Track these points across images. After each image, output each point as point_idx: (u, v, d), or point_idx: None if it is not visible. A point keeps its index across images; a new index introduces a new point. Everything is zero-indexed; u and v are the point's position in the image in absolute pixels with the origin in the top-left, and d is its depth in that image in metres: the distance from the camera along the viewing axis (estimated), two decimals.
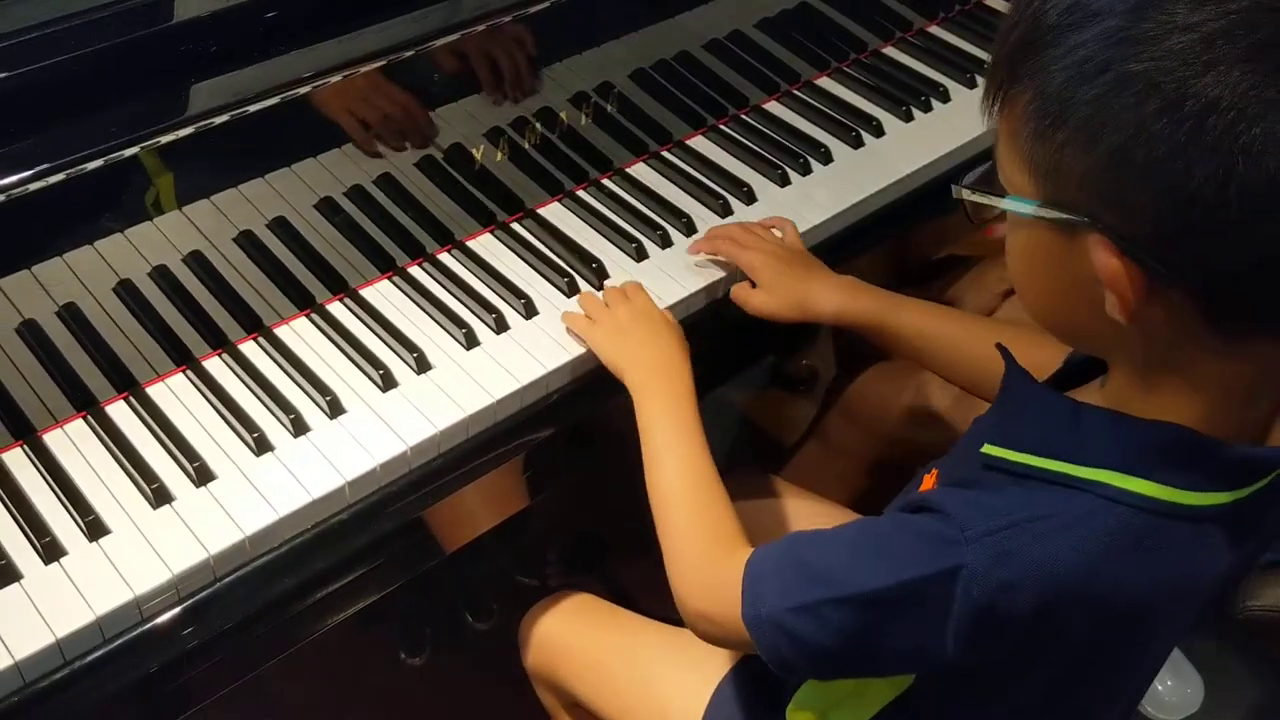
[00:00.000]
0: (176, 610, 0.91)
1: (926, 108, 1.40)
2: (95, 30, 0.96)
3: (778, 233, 1.18)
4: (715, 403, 1.16)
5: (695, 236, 1.21)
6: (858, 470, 1.47)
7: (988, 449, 0.76)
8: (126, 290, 1.02)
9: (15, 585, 0.88)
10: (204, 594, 0.92)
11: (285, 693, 1.51)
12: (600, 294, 1.12)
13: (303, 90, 1.01)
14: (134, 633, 0.89)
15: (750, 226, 1.18)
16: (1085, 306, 0.69)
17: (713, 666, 1.06)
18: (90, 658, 0.87)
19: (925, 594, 0.72)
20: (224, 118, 0.98)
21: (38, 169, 0.90)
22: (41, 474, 0.96)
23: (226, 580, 0.93)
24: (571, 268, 1.17)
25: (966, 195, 0.75)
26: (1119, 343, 0.71)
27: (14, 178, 0.89)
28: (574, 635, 1.16)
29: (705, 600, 0.86)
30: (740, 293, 1.13)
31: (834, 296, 1.09)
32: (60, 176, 0.91)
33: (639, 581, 1.65)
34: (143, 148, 0.94)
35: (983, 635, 0.72)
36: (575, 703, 1.16)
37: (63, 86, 0.95)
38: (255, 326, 1.08)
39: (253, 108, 0.99)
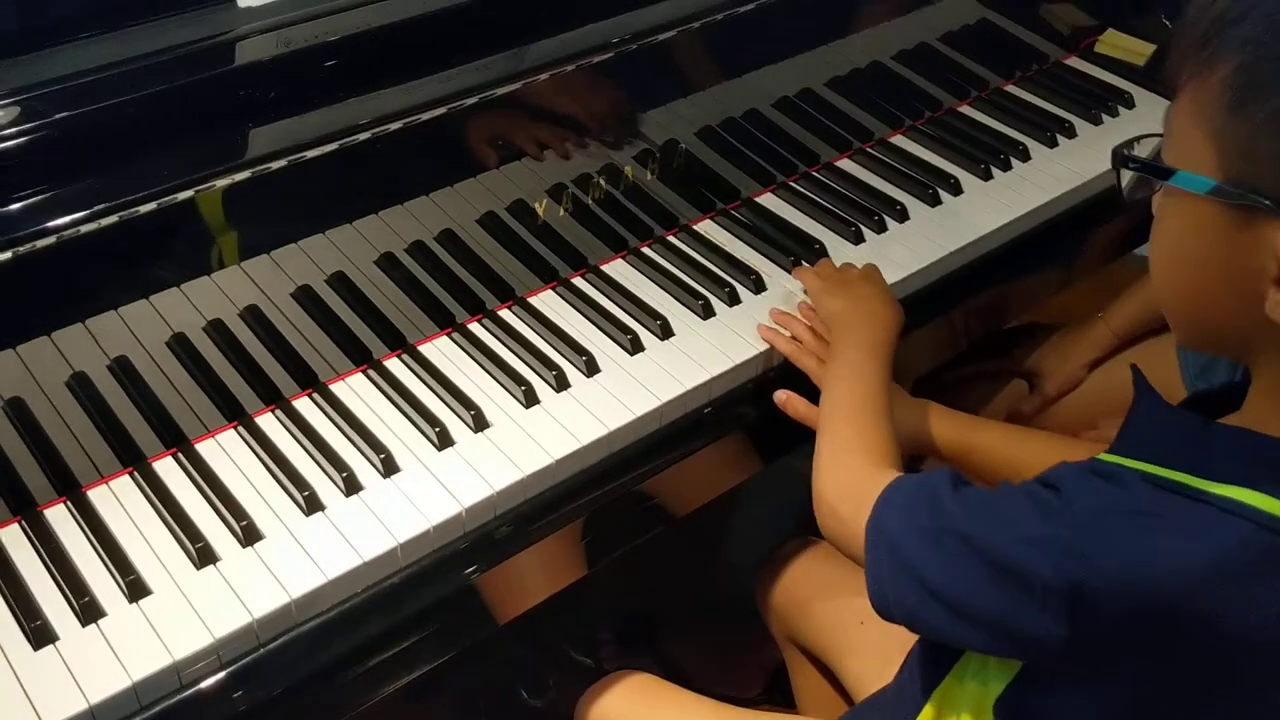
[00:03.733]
0: (218, 676, 0.86)
1: (1006, 166, 1.35)
2: (155, 74, 0.95)
3: None
4: (781, 471, 1.11)
5: (764, 294, 1.17)
6: None
7: (1103, 456, 0.72)
8: (180, 344, 0.99)
9: (50, 648, 0.84)
10: (247, 660, 0.87)
11: None
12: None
13: (362, 138, 0.99)
14: (172, 699, 0.85)
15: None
16: (1234, 302, 0.64)
17: None
18: None
19: (1019, 560, 0.69)
20: (281, 163, 0.95)
21: (91, 209, 0.88)
22: (84, 531, 0.92)
23: (271, 646, 0.88)
24: (635, 324, 1.12)
25: (1129, 168, 0.70)
26: (1261, 345, 0.66)
27: (67, 219, 0.87)
28: (632, 719, 1.10)
29: (841, 499, 0.88)
30: (801, 407, 1.05)
31: (909, 421, 1.03)
32: (114, 219, 0.89)
33: (698, 661, 1.59)
34: (197, 191, 0.92)
35: (1075, 617, 0.67)
36: None
37: (121, 129, 0.93)
38: (310, 382, 1.05)
39: (310, 154, 0.96)
